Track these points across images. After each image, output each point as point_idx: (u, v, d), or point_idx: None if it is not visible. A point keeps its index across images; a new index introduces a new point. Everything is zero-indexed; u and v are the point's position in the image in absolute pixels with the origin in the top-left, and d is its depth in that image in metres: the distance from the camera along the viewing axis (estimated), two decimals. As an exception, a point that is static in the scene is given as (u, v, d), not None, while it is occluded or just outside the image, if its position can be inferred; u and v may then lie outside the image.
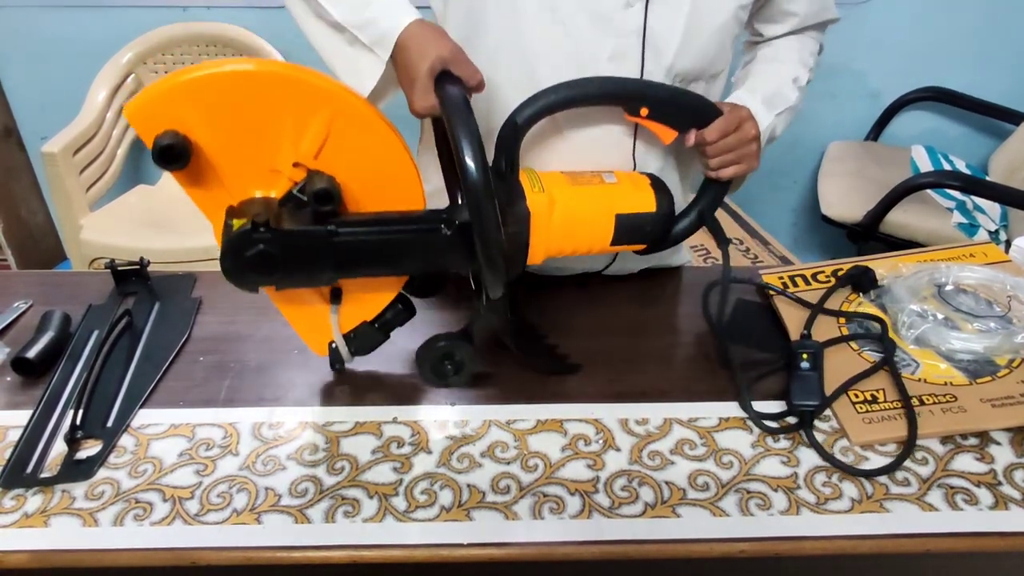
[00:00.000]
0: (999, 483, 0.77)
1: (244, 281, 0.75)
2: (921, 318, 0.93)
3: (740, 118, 0.90)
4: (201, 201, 0.75)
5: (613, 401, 0.87)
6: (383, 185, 0.78)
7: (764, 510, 0.74)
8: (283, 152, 0.73)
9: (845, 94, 2.42)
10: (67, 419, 0.82)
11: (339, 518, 0.73)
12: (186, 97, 0.69)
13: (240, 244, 0.71)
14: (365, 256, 0.77)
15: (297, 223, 0.73)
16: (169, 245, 1.95)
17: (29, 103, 2.35)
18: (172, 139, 0.67)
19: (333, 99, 0.73)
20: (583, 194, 0.86)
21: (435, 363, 0.81)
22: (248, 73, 0.70)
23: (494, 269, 0.75)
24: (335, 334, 0.86)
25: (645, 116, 0.88)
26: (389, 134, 0.76)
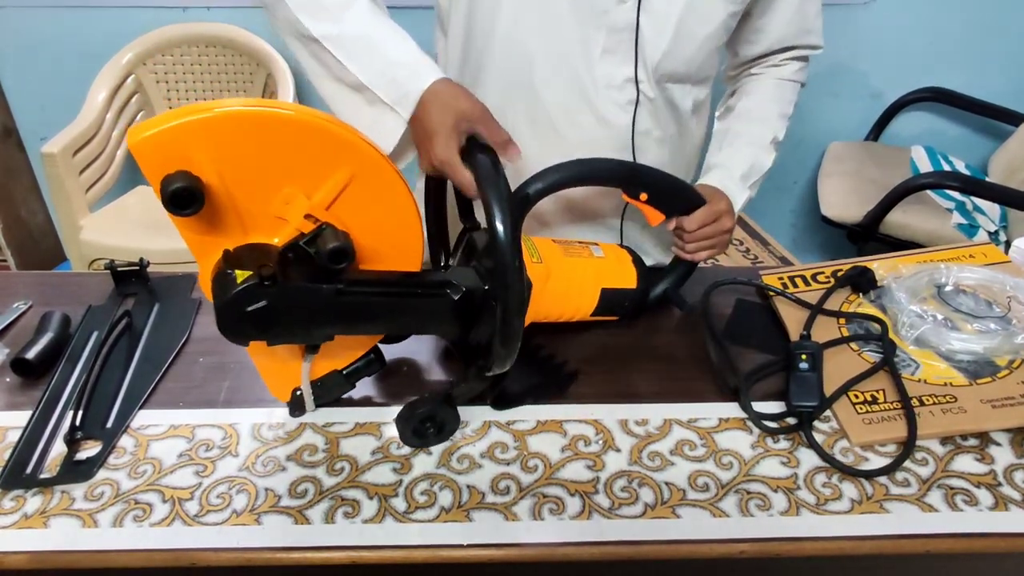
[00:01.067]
0: (999, 484, 0.77)
1: (239, 335, 0.70)
2: (921, 319, 0.93)
3: (719, 212, 0.96)
4: (195, 243, 0.69)
5: (613, 402, 0.87)
6: (389, 244, 0.76)
7: (764, 511, 0.74)
8: (295, 201, 0.69)
9: (845, 94, 2.42)
10: (67, 420, 0.82)
11: (339, 519, 0.73)
12: (200, 136, 0.64)
13: (243, 299, 0.66)
14: (368, 316, 0.75)
15: (299, 277, 0.69)
16: (169, 246, 1.95)
17: (29, 103, 2.35)
18: (186, 181, 0.62)
19: (357, 153, 0.70)
20: (575, 266, 0.89)
21: (416, 426, 0.79)
22: (270, 116, 0.66)
23: (511, 344, 0.73)
24: (304, 383, 0.82)
25: (644, 200, 0.92)
26: (406, 194, 0.74)
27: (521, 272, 0.70)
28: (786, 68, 1.08)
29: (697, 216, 0.95)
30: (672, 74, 0.97)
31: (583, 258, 0.90)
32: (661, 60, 0.95)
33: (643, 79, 0.97)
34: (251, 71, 2.23)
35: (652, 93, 0.98)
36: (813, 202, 2.40)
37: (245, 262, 0.68)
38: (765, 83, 1.08)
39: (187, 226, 0.68)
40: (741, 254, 2.14)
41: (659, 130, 1.02)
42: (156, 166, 0.63)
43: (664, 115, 1.02)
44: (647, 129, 1.01)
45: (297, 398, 0.83)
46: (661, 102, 1.00)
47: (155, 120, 0.63)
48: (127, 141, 0.62)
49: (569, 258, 0.89)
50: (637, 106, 0.98)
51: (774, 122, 1.07)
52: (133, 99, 2.21)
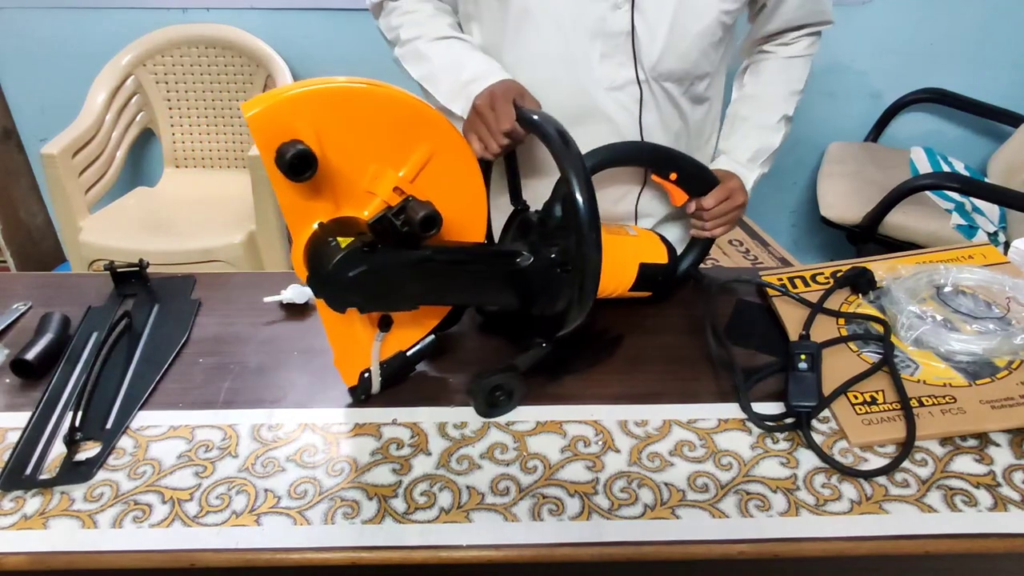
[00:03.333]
0: (998, 484, 0.77)
1: (340, 300, 0.74)
2: (920, 319, 0.93)
3: (732, 189, 1.04)
4: (292, 212, 0.74)
5: (612, 403, 0.87)
6: (461, 217, 0.81)
7: (763, 511, 0.74)
8: (384, 175, 0.75)
9: (845, 95, 2.42)
10: (66, 421, 0.82)
11: (338, 520, 0.73)
12: (308, 108, 0.69)
13: (348, 263, 0.71)
14: (451, 282, 0.80)
15: (387, 247, 0.73)
16: (168, 247, 1.95)
17: (28, 105, 2.35)
18: (302, 148, 0.67)
19: (439, 129, 0.76)
20: (615, 243, 0.95)
21: (488, 395, 0.83)
22: (368, 91, 0.72)
23: (586, 303, 0.79)
24: (373, 362, 0.85)
25: (673, 180, 1.01)
26: (477, 171, 0.81)
27: (599, 239, 0.75)
28: (796, 45, 1.10)
29: (713, 194, 1.02)
30: (670, 73, 1.00)
31: (622, 236, 0.97)
32: (658, 60, 0.98)
33: (644, 79, 0.99)
34: (251, 72, 2.23)
35: (654, 93, 1.01)
36: (812, 203, 2.40)
37: (339, 234, 0.73)
38: (774, 63, 1.12)
39: (291, 195, 0.72)
40: (741, 255, 2.14)
41: (664, 126, 1.05)
42: (269, 137, 0.68)
43: (668, 111, 1.04)
44: (652, 125, 1.04)
45: (364, 380, 0.86)
46: (664, 99, 1.03)
47: (267, 95, 0.68)
48: (243, 113, 0.67)
49: (611, 235, 0.93)
50: (642, 104, 1.01)
51: (782, 101, 1.11)
52: (133, 100, 2.21)
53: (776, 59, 1.11)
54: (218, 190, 2.24)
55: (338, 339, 0.84)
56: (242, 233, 2.00)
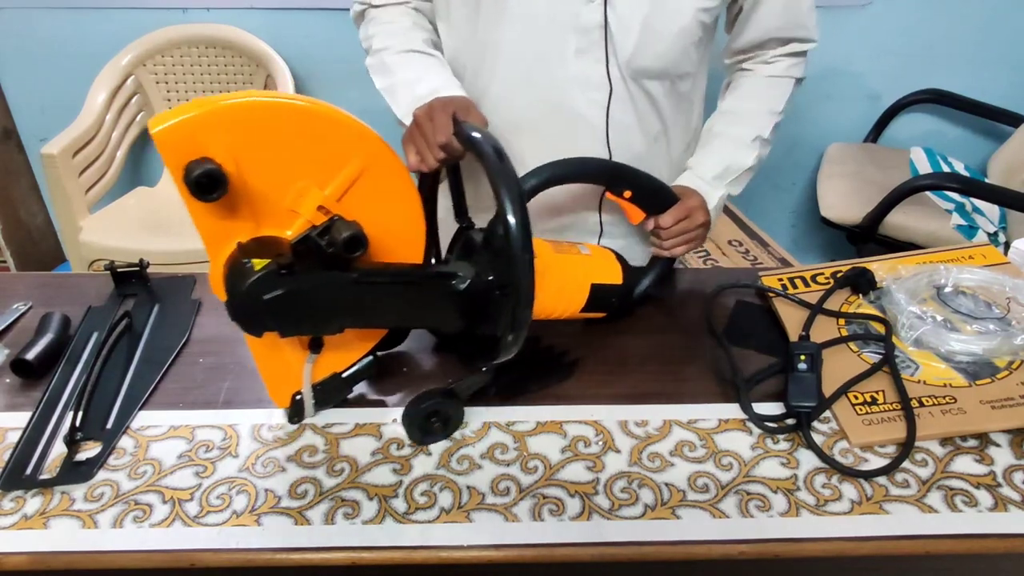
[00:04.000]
0: (998, 485, 0.77)
1: (255, 324, 0.71)
2: (920, 320, 0.93)
3: (690, 208, 1.01)
4: (207, 232, 0.70)
5: (613, 403, 0.87)
6: (394, 237, 0.78)
7: (764, 511, 0.74)
8: (309, 193, 0.71)
9: (844, 96, 2.42)
10: (66, 421, 0.82)
11: (339, 520, 0.73)
12: (220, 125, 0.65)
13: (262, 286, 0.68)
14: (379, 306, 0.77)
15: (311, 268, 0.70)
16: (169, 247, 1.95)
17: (29, 105, 2.35)
18: (209, 166, 0.63)
19: (369, 145, 0.72)
20: (566, 262, 0.91)
21: (422, 422, 0.80)
22: (290, 107, 0.68)
23: (521, 331, 0.75)
24: (305, 385, 0.82)
25: (627, 198, 0.98)
26: (412, 188, 0.78)
27: (532, 262, 0.72)
28: (778, 64, 1.08)
29: (671, 213, 0.99)
30: (645, 70, 0.99)
31: (572, 255, 0.92)
32: (632, 57, 0.97)
33: (615, 76, 0.99)
34: (251, 72, 2.23)
35: (628, 89, 1.00)
36: (812, 203, 2.40)
37: (257, 254, 0.69)
38: (753, 80, 1.09)
39: (204, 214, 0.68)
40: (741, 255, 2.14)
41: (640, 127, 1.04)
42: (178, 154, 0.64)
43: (645, 112, 1.03)
44: (625, 125, 1.03)
45: (297, 403, 0.83)
46: (640, 99, 1.02)
47: (177, 109, 0.64)
48: (149, 130, 0.63)
49: (560, 255, 0.90)
50: (610, 101, 1.00)
51: (758, 119, 1.08)
52: (133, 100, 2.21)
53: (756, 77, 1.09)
54: (218, 190, 2.24)
55: (265, 361, 0.80)
56: (242, 233, 1.99)
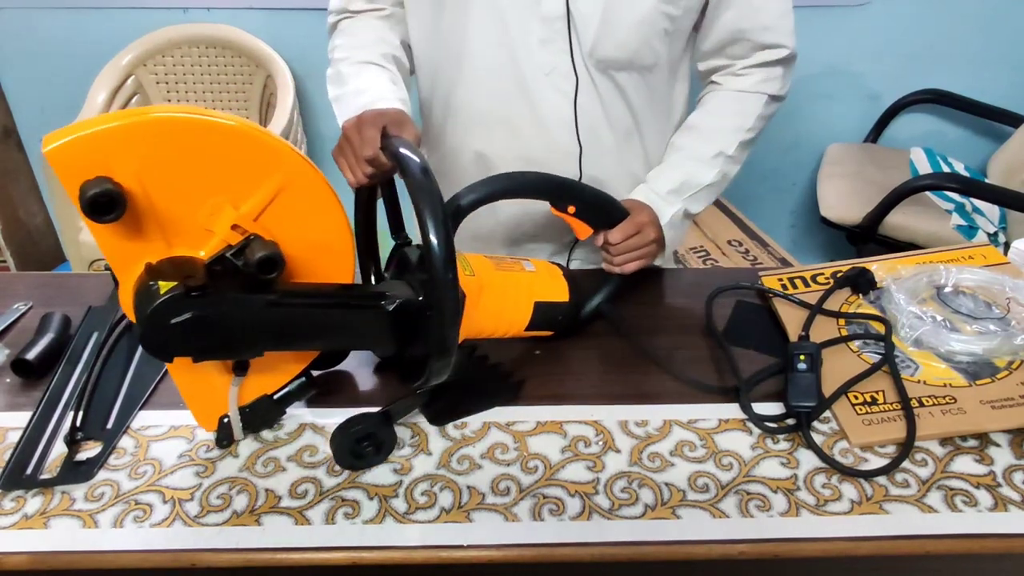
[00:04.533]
0: (998, 485, 0.77)
1: (162, 350, 0.67)
2: (920, 320, 0.93)
3: (641, 224, 0.98)
4: (113, 254, 0.67)
5: (613, 403, 0.87)
6: (320, 256, 0.75)
7: (764, 511, 0.74)
8: (222, 211, 0.67)
9: (844, 96, 2.42)
10: (67, 421, 0.82)
11: (339, 520, 0.73)
12: (120, 142, 0.62)
13: (168, 310, 0.64)
14: (301, 329, 0.73)
15: (228, 289, 0.67)
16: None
17: (29, 104, 2.35)
18: (105, 187, 0.60)
19: (287, 162, 0.69)
20: (507, 280, 0.88)
21: (352, 446, 0.77)
22: (193, 123, 0.64)
23: (446, 356, 0.73)
24: (231, 409, 0.78)
25: (571, 213, 0.94)
26: (335, 205, 0.73)
27: (455, 283, 0.69)
28: (749, 78, 1.05)
29: (621, 228, 0.96)
30: (610, 60, 0.99)
31: (515, 272, 0.90)
32: (594, 46, 0.97)
33: (580, 65, 0.99)
34: (251, 72, 2.23)
35: (594, 81, 1.00)
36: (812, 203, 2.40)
37: (169, 275, 0.66)
38: (721, 96, 1.07)
39: (107, 236, 0.65)
40: (740, 255, 2.14)
41: (608, 119, 1.04)
42: (74, 173, 0.61)
43: (615, 106, 1.03)
44: (594, 117, 1.03)
45: (224, 426, 0.79)
46: (607, 91, 1.01)
47: (72, 127, 0.61)
48: (42, 148, 0.60)
49: (501, 272, 0.88)
50: (577, 93, 1.00)
51: (721, 136, 1.05)
52: (133, 100, 2.21)
53: (723, 92, 1.07)
54: (218, 190, 2.24)
55: (186, 384, 0.77)
56: (242, 233, 1.99)
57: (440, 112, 1.10)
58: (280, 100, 2.13)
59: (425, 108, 1.14)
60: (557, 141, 1.03)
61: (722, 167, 1.06)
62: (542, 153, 1.05)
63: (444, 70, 1.05)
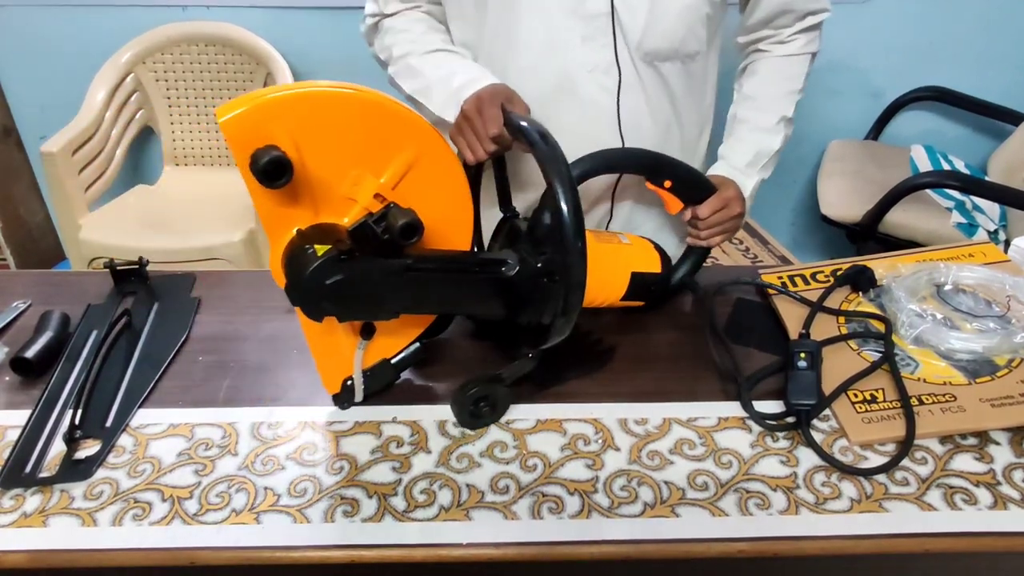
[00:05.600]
0: (998, 483, 0.77)
1: (316, 309, 0.73)
2: (920, 318, 0.93)
3: (728, 199, 1.02)
4: (269, 219, 0.73)
5: (612, 401, 0.87)
6: (445, 224, 0.80)
7: (763, 510, 0.74)
8: (365, 181, 0.73)
9: (845, 93, 2.42)
10: (66, 419, 0.82)
11: (338, 518, 0.73)
12: (285, 113, 0.68)
13: (323, 272, 0.70)
14: (432, 292, 0.78)
15: (369, 254, 0.72)
16: (168, 245, 1.95)
17: (28, 102, 2.35)
18: (275, 154, 0.65)
19: (423, 134, 0.75)
20: (607, 252, 0.94)
21: (471, 407, 0.82)
22: (348, 96, 0.70)
23: (571, 315, 0.78)
24: (356, 371, 0.83)
25: (668, 188, 0.99)
26: (463, 177, 0.80)
27: (584, 248, 0.73)
28: (794, 43, 1.07)
29: (709, 203, 1.00)
30: (656, 52, 0.99)
31: (614, 244, 0.95)
32: (642, 39, 0.97)
33: (624, 61, 0.99)
34: (251, 70, 2.23)
35: (639, 74, 1.00)
36: (813, 201, 2.40)
37: (320, 240, 0.71)
38: (771, 62, 1.09)
39: (267, 201, 0.71)
40: (741, 253, 2.14)
41: (650, 112, 1.04)
42: (244, 142, 0.66)
43: (657, 97, 1.03)
44: (637, 111, 1.03)
45: (348, 388, 0.85)
46: (651, 83, 1.02)
47: (242, 99, 0.67)
48: (217, 118, 0.66)
49: (601, 244, 0.93)
50: (620, 88, 1.01)
51: (780, 102, 1.09)
52: (132, 98, 2.21)
53: (772, 58, 1.09)
54: (218, 188, 2.24)
55: (319, 347, 0.82)
56: (242, 231, 1.99)
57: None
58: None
59: None
60: (600, 137, 1.03)
61: (785, 131, 1.10)
62: (586, 150, 1.04)
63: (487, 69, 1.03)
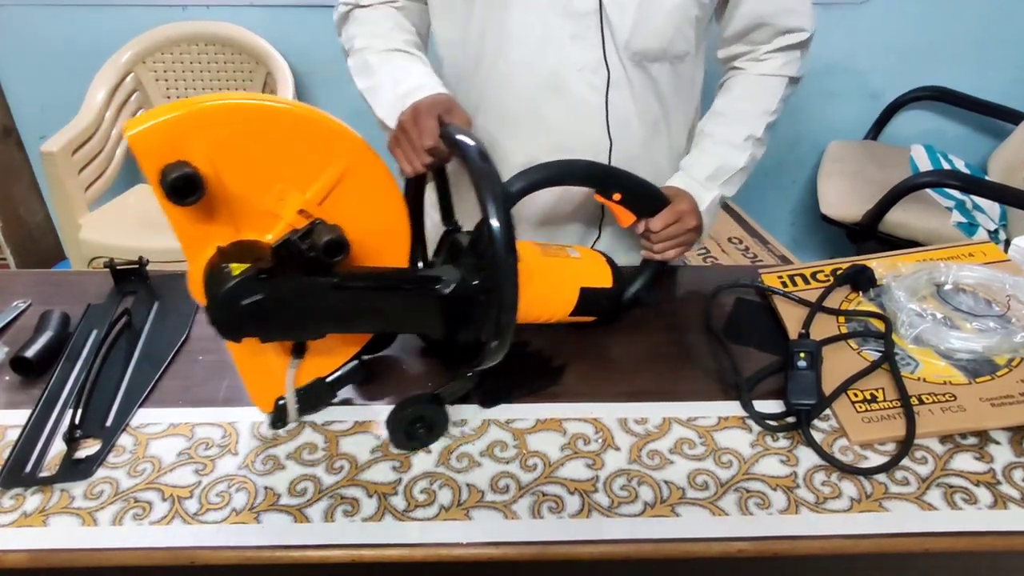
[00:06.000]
0: (998, 482, 0.77)
1: (234, 330, 0.70)
2: (920, 317, 0.93)
3: (681, 212, 0.99)
4: (185, 237, 0.69)
5: (612, 400, 0.87)
6: (378, 241, 0.77)
7: (763, 509, 0.74)
8: (289, 196, 0.70)
9: (845, 93, 2.42)
10: (66, 418, 0.82)
11: (338, 517, 0.73)
12: (197, 127, 0.64)
13: (239, 292, 0.67)
14: (361, 311, 0.75)
15: (293, 273, 0.69)
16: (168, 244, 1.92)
17: (28, 102, 2.34)
18: (185, 170, 0.62)
19: (351, 148, 0.72)
20: (554, 266, 0.90)
21: (407, 428, 0.79)
22: (268, 109, 0.67)
23: (505, 336, 0.75)
24: (288, 390, 0.80)
25: (617, 200, 0.96)
26: (396, 191, 0.76)
27: (515, 266, 0.71)
28: (770, 62, 1.07)
29: (661, 216, 0.98)
30: (645, 51, 0.99)
31: (561, 258, 0.91)
32: (630, 38, 0.97)
33: (613, 60, 0.99)
34: (250, 69, 2.23)
35: (627, 74, 1.00)
36: (812, 201, 2.40)
37: (239, 258, 0.68)
38: (745, 80, 1.09)
39: (181, 219, 0.68)
40: (740, 252, 2.14)
41: (638, 112, 1.04)
42: (154, 158, 0.63)
43: (645, 97, 1.03)
44: (624, 111, 1.03)
45: (280, 408, 0.81)
46: (640, 83, 1.02)
47: (152, 112, 0.63)
48: (124, 133, 0.63)
49: (548, 258, 0.89)
50: (609, 87, 1.00)
51: (749, 120, 1.07)
52: (132, 97, 2.21)
53: (746, 76, 1.08)
54: (218, 188, 2.24)
55: (247, 365, 0.79)
56: (242, 231, 1.99)
57: (469, 111, 1.09)
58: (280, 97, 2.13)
59: None
60: (588, 136, 1.04)
61: (752, 150, 1.08)
62: (573, 149, 1.05)
63: (475, 70, 1.04)
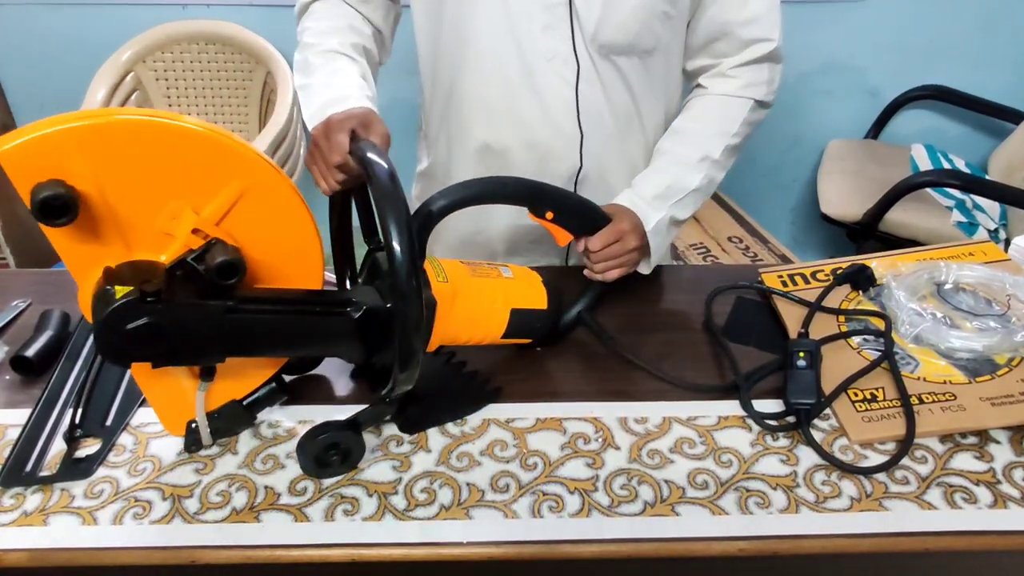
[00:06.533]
0: (998, 482, 0.77)
1: (119, 356, 0.67)
2: (920, 317, 0.93)
3: (621, 231, 0.95)
4: (70, 257, 0.65)
5: (612, 400, 0.87)
6: (286, 261, 0.74)
7: (763, 509, 0.74)
8: (183, 216, 0.67)
9: (845, 92, 2.42)
10: (66, 418, 0.82)
11: (338, 517, 0.73)
12: (75, 145, 0.61)
13: (122, 315, 0.63)
14: (262, 337, 0.72)
15: (188, 295, 0.66)
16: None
17: (28, 101, 2.35)
18: (57, 190, 0.58)
19: (249, 166, 0.68)
20: (483, 286, 0.86)
21: (319, 454, 0.75)
22: (156, 126, 0.63)
23: (411, 364, 0.71)
24: (198, 414, 0.76)
25: (550, 219, 0.91)
26: (301, 209, 0.72)
27: (419, 291, 0.68)
28: (735, 81, 1.04)
29: (601, 235, 0.95)
30: (612, 44, 0.99)
31: (491, 278, 0.87)
32: (596, 30, 0.97)
33: (582, 52, 0.99)
34: (250, 69, 2.23)
35: (595, 66, 1.00)
36: (813, 200, 2.40)
37: (128, 279, 0.65)
38: (707, 100, 1.06)
39: (62, 239, 0.64)
40: (740, 252, 2.14)
41: (609, 105, 1.04)
42: (26, 176, 0.60)
43: (615, 91, 1.03)
44: (595, 104, 1.03)
45: (192, 431, 0.78)
46: (609, 76, 1.02)
47: (26, 128, 0.60)
48: None
49: (476, 278, 0.86)
50: (579, 79, 1.00)
51: (706, 141, 1.04)
52: (132, 96, 2.21)
53: (710, 97, 1.06)
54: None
55: (152, 387, 0.76)
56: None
57: (443, 101, 1.10)
58: (280, 97, 2.13)
59: (427, 97, 1.14)
60: (559, 128, 1.03)
61: (708, 171, 1.04)
62: (545, 140, 1.05)
63: (448, 59, 1.05)
